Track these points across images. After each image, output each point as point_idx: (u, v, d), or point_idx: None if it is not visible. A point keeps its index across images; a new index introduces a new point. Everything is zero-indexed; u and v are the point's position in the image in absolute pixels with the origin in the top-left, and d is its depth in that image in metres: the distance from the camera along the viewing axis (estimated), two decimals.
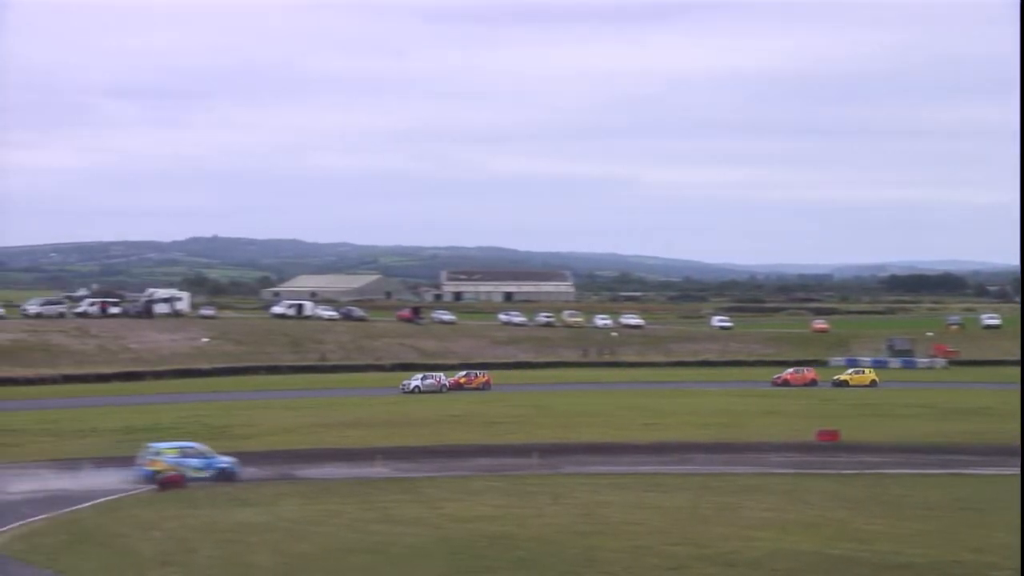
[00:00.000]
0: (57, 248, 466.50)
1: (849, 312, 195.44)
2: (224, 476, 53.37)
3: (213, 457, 54.30)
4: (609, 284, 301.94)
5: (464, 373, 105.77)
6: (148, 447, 54.43)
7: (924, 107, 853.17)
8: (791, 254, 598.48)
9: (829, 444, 65.79)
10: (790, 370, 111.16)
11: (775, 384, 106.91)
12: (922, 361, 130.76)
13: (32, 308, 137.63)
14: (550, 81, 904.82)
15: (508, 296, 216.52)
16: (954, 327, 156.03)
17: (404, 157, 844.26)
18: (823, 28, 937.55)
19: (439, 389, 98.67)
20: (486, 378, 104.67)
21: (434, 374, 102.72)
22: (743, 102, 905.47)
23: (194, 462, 53.47)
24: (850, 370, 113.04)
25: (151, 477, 52.29)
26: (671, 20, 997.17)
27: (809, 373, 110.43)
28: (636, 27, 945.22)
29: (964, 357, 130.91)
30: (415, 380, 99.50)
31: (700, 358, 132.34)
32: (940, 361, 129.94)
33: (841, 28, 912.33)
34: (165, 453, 53.74)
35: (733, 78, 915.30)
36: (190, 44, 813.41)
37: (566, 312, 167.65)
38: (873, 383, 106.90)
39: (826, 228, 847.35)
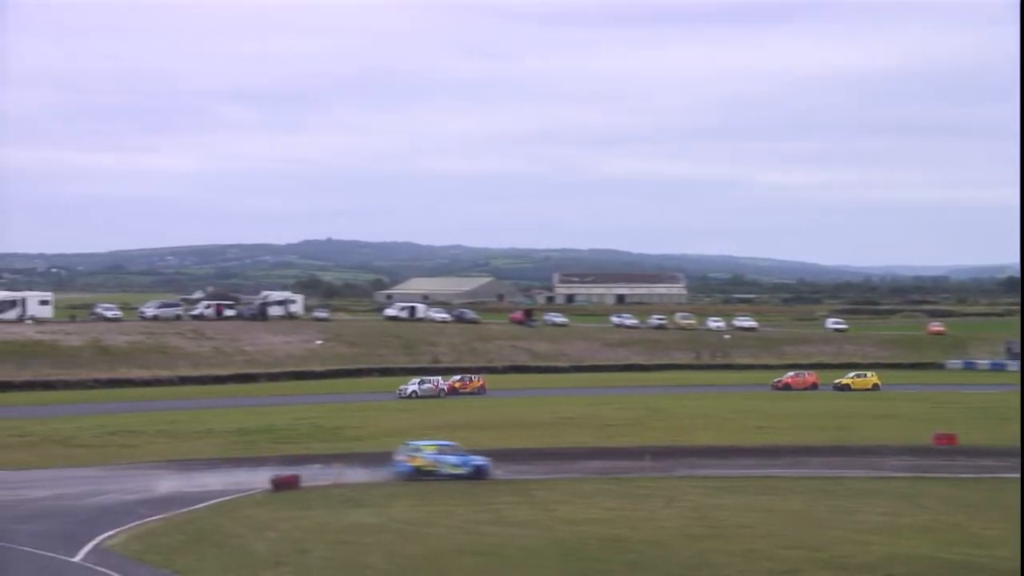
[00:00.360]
0: (174, 251, 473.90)
1: (966, 314, 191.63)
2: (479, 473, 54.28)
3: (468, 455, 55.23)
4: (722, 286, 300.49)
5: (459, 377, 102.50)
6: (407, 444, 56.20)
7: None
8: (906, 255, 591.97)
9: (946, 447, 64.87)
10: (791, 373, 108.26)
11: (775, 388, 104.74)
12: None
13: (149, 311, 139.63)
14: (662, 83, 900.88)
15: (620, 298, 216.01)
16: None
17: (518, 160, 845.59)
18: (940, 25, 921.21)
19: (436, 394, 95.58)
20: (481, 382, 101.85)
21: (432, 378, 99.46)
22: (857, 101, 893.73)
23: (451, 459, 54.69)
24: (852, 374, 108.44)
25: (410, 473, 53.85)
26: (788, 20, 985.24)
27: (810, 376, 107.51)
28: (749, 28, 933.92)
29: None
30: (412, 385, 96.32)
31: (814, 360, 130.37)
32: None
33: (959, 26, 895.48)
34: (424, 450, 55.24)
35: (847, 77, 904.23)
36: (307, 49, 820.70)
37: (679, 314, 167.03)
38: (875, 387, 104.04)
39: (942, 229, 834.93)
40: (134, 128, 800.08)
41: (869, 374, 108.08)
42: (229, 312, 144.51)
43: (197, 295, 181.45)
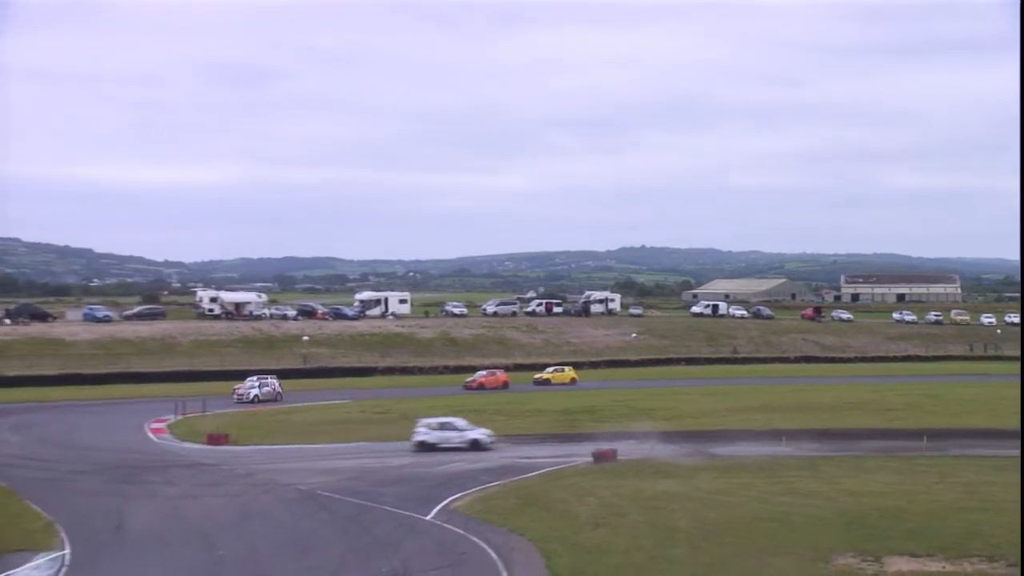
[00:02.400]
0: (511, 257, 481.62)
1: None
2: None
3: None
4: (994, 286, 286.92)
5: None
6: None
7: None
8: None
9: None
10: (483, 373, 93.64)
11: (467, 388, 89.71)
12: None
13: (490, 308, 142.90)
14: (933, 103, 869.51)
15: (900, 297, 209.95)
16: None
17: (809, 176, 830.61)
18: None
19: (275, 397, 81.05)
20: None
21: (269, 379, 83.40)
22: None
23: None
24: (551, 368, 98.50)
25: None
26: None
27: (502, 376, 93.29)
28: (998, 56, 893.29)
29: None
30: (251, 386, 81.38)
31: None
32: None
33: None
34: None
35: None
36: (619, 81, 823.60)
37: (954, 311, 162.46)
38: (573, 381, 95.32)
39: None
40: (476, 153, 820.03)
41: (567, 369, 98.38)
42: (557, 309, 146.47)
43: (530, 295, 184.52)
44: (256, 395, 79.97)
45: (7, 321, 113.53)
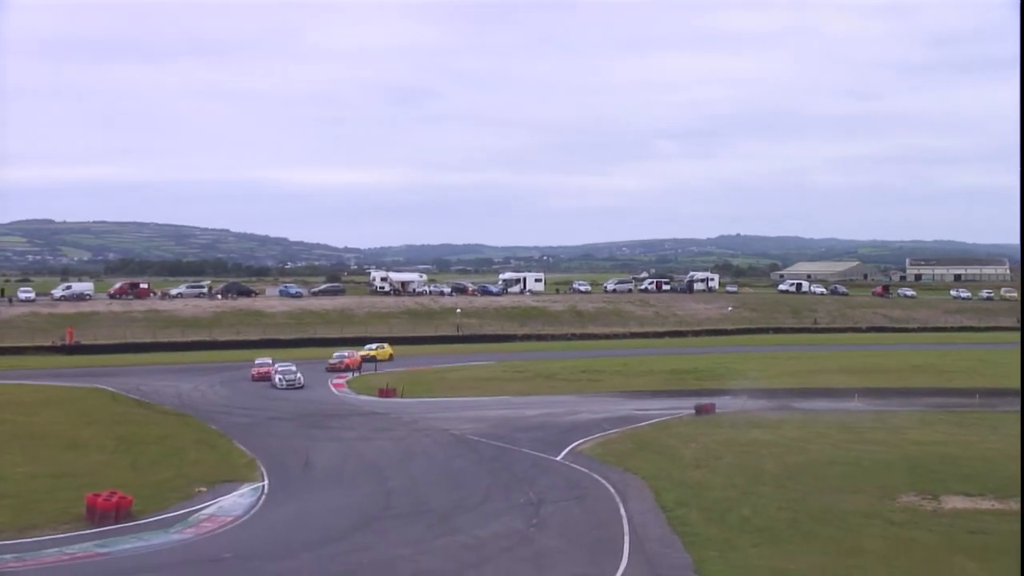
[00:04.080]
0: (627, 244, 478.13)
1: None
2: None
3: None
4: None
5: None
6: None
7: None
8: None
9: None
10: (345, 353, 78.37)
11: (329, 370, 74.83)
12: None
13: (609, 286, 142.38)
14: (984, 112, 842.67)
15: (957, 277, 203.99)
16: None
17: (880, 175, 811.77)
18: None
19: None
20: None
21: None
22: None
23: None
24: (374, 345, 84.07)
25: None
26: None
27: (356, 357, 77.50)
28: None
29: None
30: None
31: None
32: None
33: None
34: None
35: None
36: (714, 96, 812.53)
37: (1003, 289, 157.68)
38: (391, 357, 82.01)
39: None
40: (595, 159, 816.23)
41: (386, 346, 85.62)
42: (666, 287, 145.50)
43: (643, 275, 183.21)
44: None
45: (219, 296, 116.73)
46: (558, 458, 39.00)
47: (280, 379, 65.70)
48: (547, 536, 27.16)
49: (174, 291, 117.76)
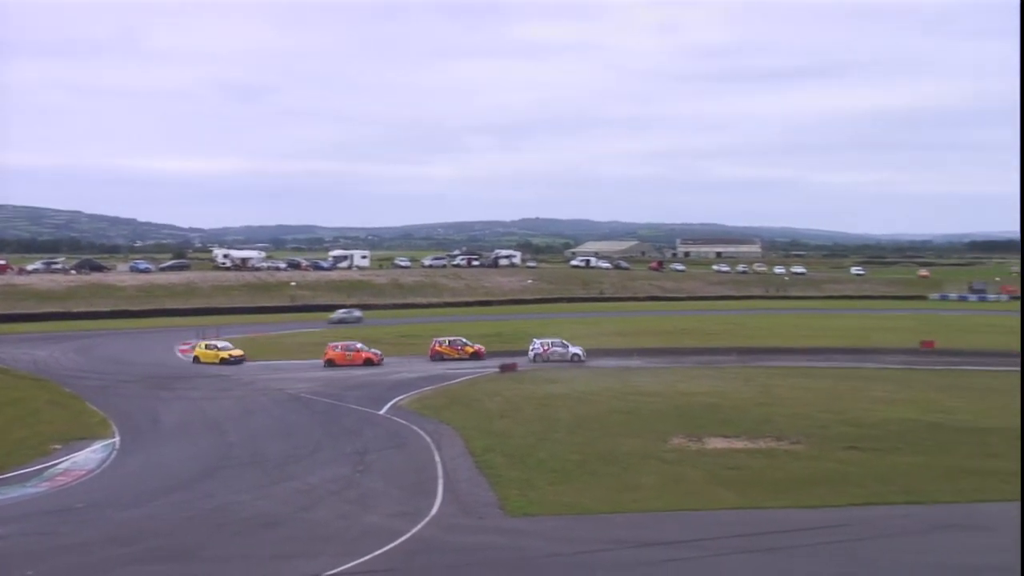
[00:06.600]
0: (442, 225, 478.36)
1: (942, 264, 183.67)
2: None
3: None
4: (784, 247, 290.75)
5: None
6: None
7: None
8: (904, 226, 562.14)
9: (929, 350, 62.72)
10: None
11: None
12: (991, 297, 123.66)
13: (427, 262, 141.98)
14: (744, 117, 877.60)
15: (718, 254, 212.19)
16: (1015, 273, 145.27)
17: (653, 167, 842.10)
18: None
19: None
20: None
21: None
22: (881, 128, 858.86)
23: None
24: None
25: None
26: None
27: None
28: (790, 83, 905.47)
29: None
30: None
31: (842, 294, 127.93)
32: (1004, 297, 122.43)
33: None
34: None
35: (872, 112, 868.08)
36: (518, 98, 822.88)
37: (756, 264, 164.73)
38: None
39: (928, 207, 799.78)
40: (416, 150, 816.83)
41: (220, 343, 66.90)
42: (475, 263, 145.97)
43: (456, 253, 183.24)
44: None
45: (73, 272, 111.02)
46: (381, 412, 38.74)
47: None
48: (371, 480, 26.97)
49: (30, 267, 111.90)
